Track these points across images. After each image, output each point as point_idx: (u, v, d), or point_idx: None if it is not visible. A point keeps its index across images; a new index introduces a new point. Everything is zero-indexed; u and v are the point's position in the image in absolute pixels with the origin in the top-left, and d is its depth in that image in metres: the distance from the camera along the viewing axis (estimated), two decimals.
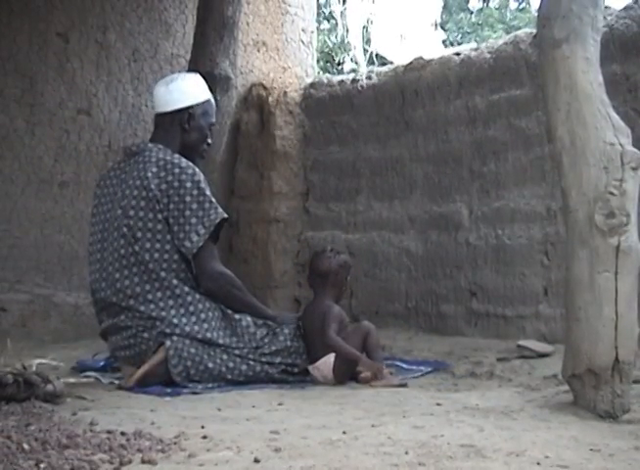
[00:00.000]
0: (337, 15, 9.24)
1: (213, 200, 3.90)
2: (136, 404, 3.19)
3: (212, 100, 4.23)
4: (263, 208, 5.87)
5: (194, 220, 3.82)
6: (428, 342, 4.78)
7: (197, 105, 4.08)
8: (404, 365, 4.33)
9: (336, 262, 4.08)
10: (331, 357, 3.92)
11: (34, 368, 3.11)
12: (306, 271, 4.56)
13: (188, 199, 3.83)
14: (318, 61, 7.66)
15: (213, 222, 3.85)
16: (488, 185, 4.78)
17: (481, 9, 19.67)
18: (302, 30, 6.70)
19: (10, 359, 3.35)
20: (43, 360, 3.31)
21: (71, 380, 3.45)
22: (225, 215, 3.92)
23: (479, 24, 18.37)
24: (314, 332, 4.01)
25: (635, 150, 3.01)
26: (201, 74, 4.46)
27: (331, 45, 14.03)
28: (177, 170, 3.86)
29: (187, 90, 4.10)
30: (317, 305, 4.06)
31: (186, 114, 4.04)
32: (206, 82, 4.56)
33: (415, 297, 5.09)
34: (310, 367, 3.98)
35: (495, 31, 17.63)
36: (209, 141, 4.20)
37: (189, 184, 3.84)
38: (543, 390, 3.49)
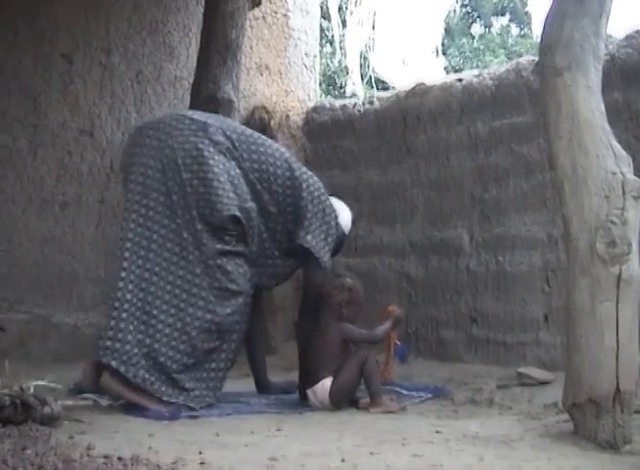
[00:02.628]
0: (336, 39, 9.28)
1: None
2: (134, 428, 3.17)
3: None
4: None
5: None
6: (427, 367, 4.76)
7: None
8: (404, 391, 4.31)
9: (330, 285, 4.11)
10: (327, 382, 3.90)
11: (32, 390, 3.09)
12: None
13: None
14: (320, 84, 7.68)
15: None
16: (489, 211, 4.77)
17: (483, 34, 19.76)
18: (305, 54, 6.72)
19: (8, 380, 3.33)
20: (41, 382, 3.28)
21: (69, 402, 3.42)
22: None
23: (480, 50, 18.43)
24: (315, 355, 4.01)
25: (637, 179, 3.01)
26: (203, 98, 4.50)
27: (333, 68, 14.07)
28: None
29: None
30: (320, 329, 4.07)
31: None
32: (209, 105, 4.58)
33: (415, 322, 5.07)
34: (308, 391, 3.97)
35: (497, 56, 17.69)
36: None
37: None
38: (543, 418, 3.47)
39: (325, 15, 9.20)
